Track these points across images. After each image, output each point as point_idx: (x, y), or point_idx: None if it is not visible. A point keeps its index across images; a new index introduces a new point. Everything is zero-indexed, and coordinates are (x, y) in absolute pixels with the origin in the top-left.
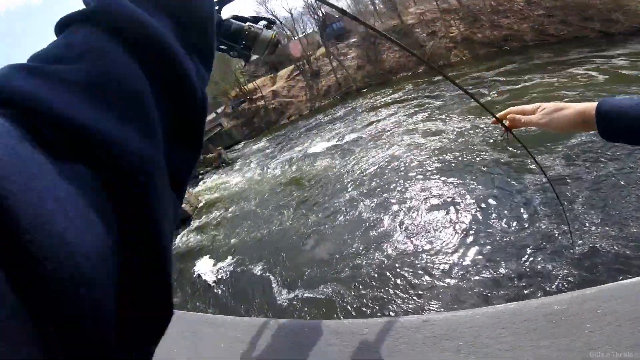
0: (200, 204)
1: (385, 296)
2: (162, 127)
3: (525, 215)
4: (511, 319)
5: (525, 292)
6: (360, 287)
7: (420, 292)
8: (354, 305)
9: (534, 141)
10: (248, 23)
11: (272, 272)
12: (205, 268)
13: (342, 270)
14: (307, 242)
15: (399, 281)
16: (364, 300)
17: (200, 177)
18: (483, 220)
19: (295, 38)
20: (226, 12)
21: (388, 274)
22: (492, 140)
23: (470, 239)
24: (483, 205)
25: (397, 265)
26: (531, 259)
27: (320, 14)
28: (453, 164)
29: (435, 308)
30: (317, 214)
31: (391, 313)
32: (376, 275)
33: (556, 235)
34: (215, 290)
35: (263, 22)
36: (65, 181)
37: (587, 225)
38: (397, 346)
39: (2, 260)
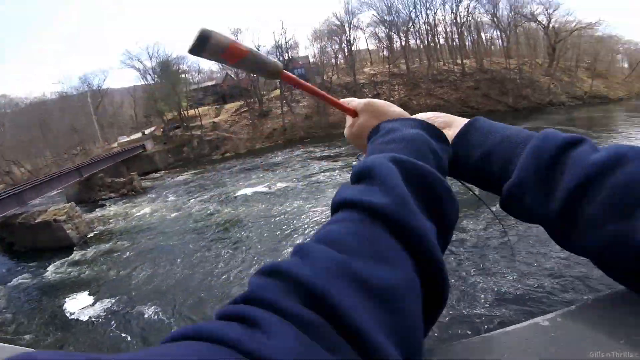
0: (92, 233)
1: None
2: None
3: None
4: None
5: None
6: None
7: None
8: None
9: None
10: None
11: (167, 315)
12: (79, 305)
13: None
14: (215, 287)
15: None
16: None
17: (100, 202)
18: None
19: (253, 75)
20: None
21: None
22: None
23: None
24: None
25: None
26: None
27: (286, 57)
28: None
29: None
30: (231, 259)
31: None
32: None
33: None
34: (85, 329)
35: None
36: None
37: None
38: None
39: None
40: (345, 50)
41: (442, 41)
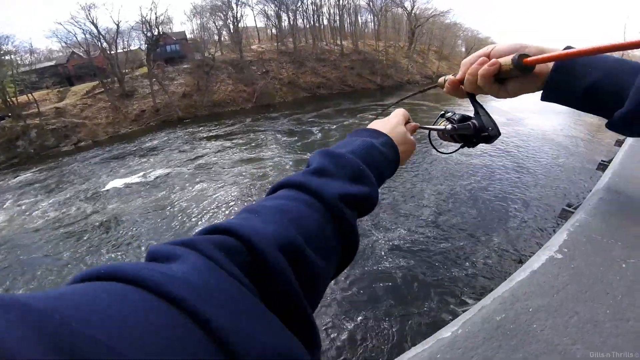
0: None
1: None
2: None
3: None
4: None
5: None
6: None
7: None
8: None
9: None
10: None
11: None
12: None
13: None
14: None
15: None
16: None
17: None
18: None
19: (112, 52)
20: None
21: None
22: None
23: None
24: None
25: None
26: None
27: (156, 32)
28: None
29: None
30: (127, 259)
31: None
32: None
33: None
34: None
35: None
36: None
37: None
38: None
39: None
40: (231, 27)
41: (325, 22)
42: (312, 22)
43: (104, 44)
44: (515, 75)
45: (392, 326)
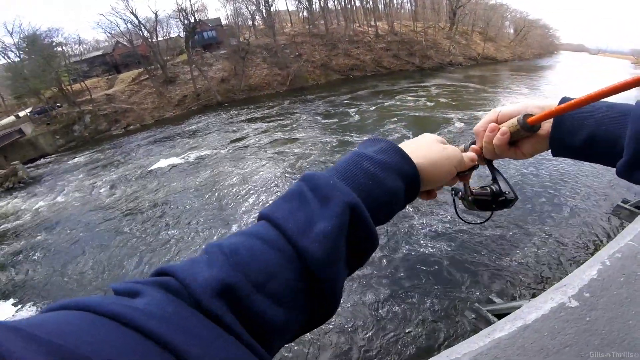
0: None
1: None
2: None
3: None
4: None
5: None
6: None
7: None
8: None
9: None
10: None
11: None
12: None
13: None
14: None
15: None
16: None
17: None
18: None
19: (153, 40)
20: None
21: None
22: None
23: None
24: None
25: None
26: None
27: (192, 20)
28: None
29: None
30: (153, 249)
31: None
32: None
33: None
34: None
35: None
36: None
37: None
38: None
39: None
40: (264, 11)
41: (357, 3)
42: (343, 3)
43: (145, 33)
44: (525, 135)
45: (434, 304)
